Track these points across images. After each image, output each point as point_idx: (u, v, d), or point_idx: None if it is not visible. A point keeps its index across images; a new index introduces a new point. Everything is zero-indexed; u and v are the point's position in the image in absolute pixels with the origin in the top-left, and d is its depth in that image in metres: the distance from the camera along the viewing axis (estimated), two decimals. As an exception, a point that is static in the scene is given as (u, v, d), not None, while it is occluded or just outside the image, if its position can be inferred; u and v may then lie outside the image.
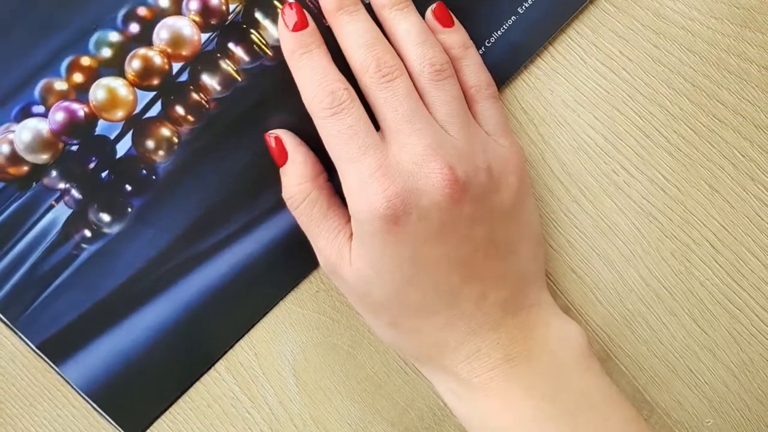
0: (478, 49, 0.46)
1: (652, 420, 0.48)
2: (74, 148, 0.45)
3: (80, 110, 0.44)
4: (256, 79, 0.45)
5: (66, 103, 0.44)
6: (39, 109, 0.44)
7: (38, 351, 0.45)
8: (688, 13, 0.46)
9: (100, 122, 0.45)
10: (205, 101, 0.45)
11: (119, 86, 0.44)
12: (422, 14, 0.45)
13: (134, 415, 0.46)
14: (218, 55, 0.45)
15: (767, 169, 0.47)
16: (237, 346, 0.47)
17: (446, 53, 0.44)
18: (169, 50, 0.45)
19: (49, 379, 0.46)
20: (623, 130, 0.47)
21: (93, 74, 0.44)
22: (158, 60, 0.45)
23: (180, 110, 0.45)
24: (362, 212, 0.41)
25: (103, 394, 0.46)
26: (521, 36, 0.46)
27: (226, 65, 0.45)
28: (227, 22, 0.45)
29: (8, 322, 0.45)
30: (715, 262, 0.47)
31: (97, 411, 0.46)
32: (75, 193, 0.45)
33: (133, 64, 0.45)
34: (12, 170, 0.45)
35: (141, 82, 0.45)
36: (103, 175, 0.45)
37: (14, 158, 0.44)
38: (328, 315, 0.47)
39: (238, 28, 0.45)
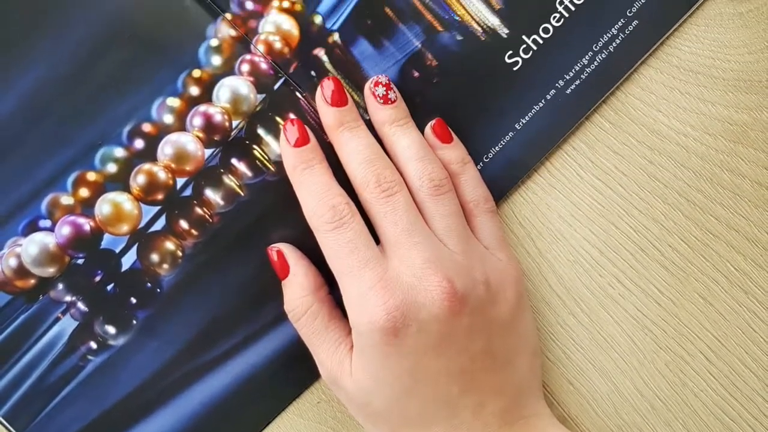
0: (476, 165, 0.46)
1: None
2: (80, 261, 0.45)
3: (86, 224, 0.45)
4: (259, 194, 0.46)
5: (72, 218, 0.45)
6: (46, 223, 0.45)
7: (45, 461, 0.46)
8: (682, 129, 0.47)
9: (106, 236, 0.45)
10: (209, 216, 0.46)
11: (124, 201, 0.45)
12: (421, 130, 0.45)
13: None
14: (221, 170, 0.46)
15: (760, 282, 0.47)
16: (240, 456, 0.47)
17: (445, 168, 0.45)
18: (173, 165, 0.45)
19: (55, 489, 0.46)
20: (619, 244, 0.47)
21: (98, 189, 0.45)
22: (163, 175, 0.45)
23: (184, 224, 0.46)
24: (363, 324, 0.41)
25: (109, 504, 0.46)
26: (519, 152, 0.47)
27: (229, 180, 0.46)
28: (230, 138, 0.46)
29: (15, 432, 0.46)
30: (709, 373, 0.47)
31: None
32: (81, 305, 0.46)
33: (138, 179, 0.45)
34: (19, 283, 0.45)
35: (146, 196, 0.45)
36: (109, 288, 0.46)
37: (21, 271, 0.45)
38: (330, 425, 0.47)
39: (241, 144, 0.46)
